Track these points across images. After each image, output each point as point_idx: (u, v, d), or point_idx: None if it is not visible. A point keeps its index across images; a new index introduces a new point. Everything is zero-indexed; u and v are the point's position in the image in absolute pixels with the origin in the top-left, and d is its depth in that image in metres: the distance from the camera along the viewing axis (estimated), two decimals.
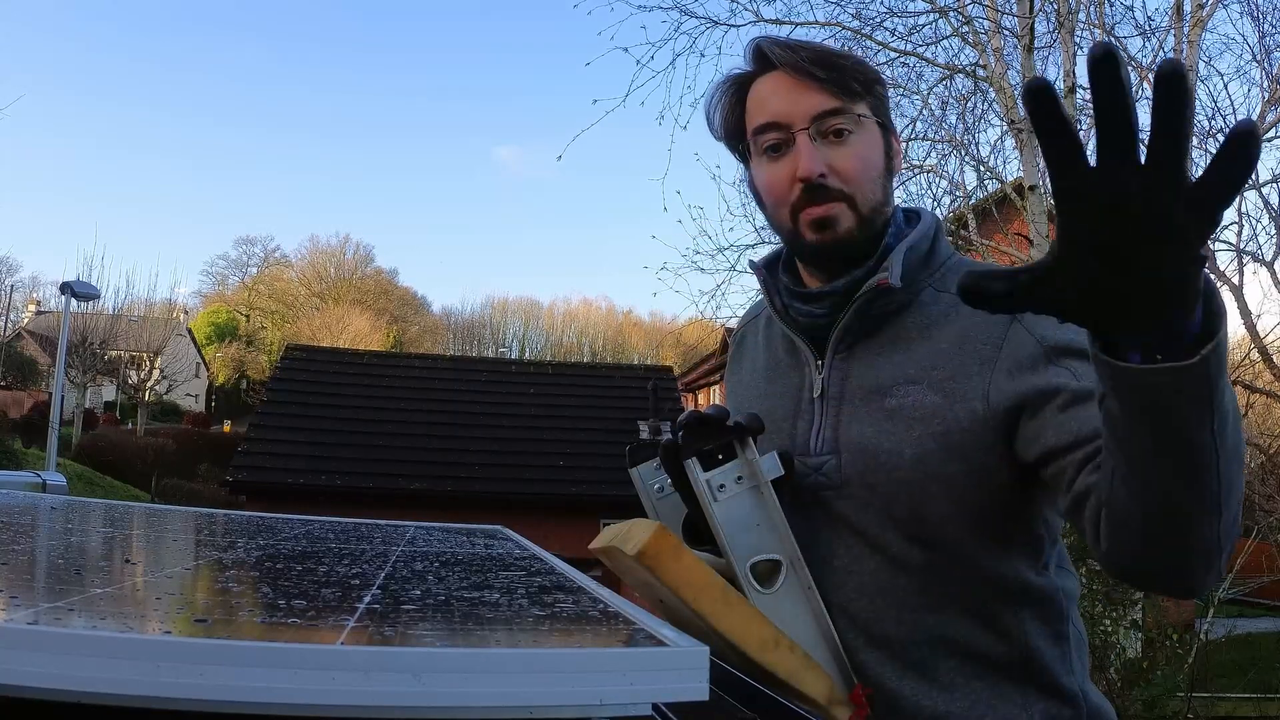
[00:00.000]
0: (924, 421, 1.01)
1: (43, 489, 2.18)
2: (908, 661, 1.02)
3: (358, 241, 57.93)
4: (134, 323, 26.84)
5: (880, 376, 1.06)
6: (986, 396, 0.99)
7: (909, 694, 1.01)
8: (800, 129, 1.04)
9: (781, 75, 1.06)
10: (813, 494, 1.07)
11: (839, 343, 1.09)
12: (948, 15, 6.18)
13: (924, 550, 1.02)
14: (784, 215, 1.08)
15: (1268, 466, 8.80)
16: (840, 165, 1.04)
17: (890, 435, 1.03)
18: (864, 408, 1.06)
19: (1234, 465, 0.77)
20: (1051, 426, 0.95)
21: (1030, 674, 1.03)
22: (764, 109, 1.07)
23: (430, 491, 10.93)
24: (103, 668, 0.46)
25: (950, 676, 1.01)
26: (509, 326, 53.48)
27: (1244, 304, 7.47)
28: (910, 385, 1.03)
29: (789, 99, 1.05)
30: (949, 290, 1.06)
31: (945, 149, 6.83)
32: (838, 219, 1.04)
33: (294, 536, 1.32)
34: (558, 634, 0.67)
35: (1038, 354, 0.99)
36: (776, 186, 1.07)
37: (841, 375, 1.09)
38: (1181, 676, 5.21)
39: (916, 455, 1.01)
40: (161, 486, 17.10)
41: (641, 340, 48.95)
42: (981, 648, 1.02)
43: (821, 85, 1.03)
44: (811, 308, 1.10)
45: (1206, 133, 6.77)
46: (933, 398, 1.02)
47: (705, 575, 0.94)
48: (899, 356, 1.05)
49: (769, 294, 1.15)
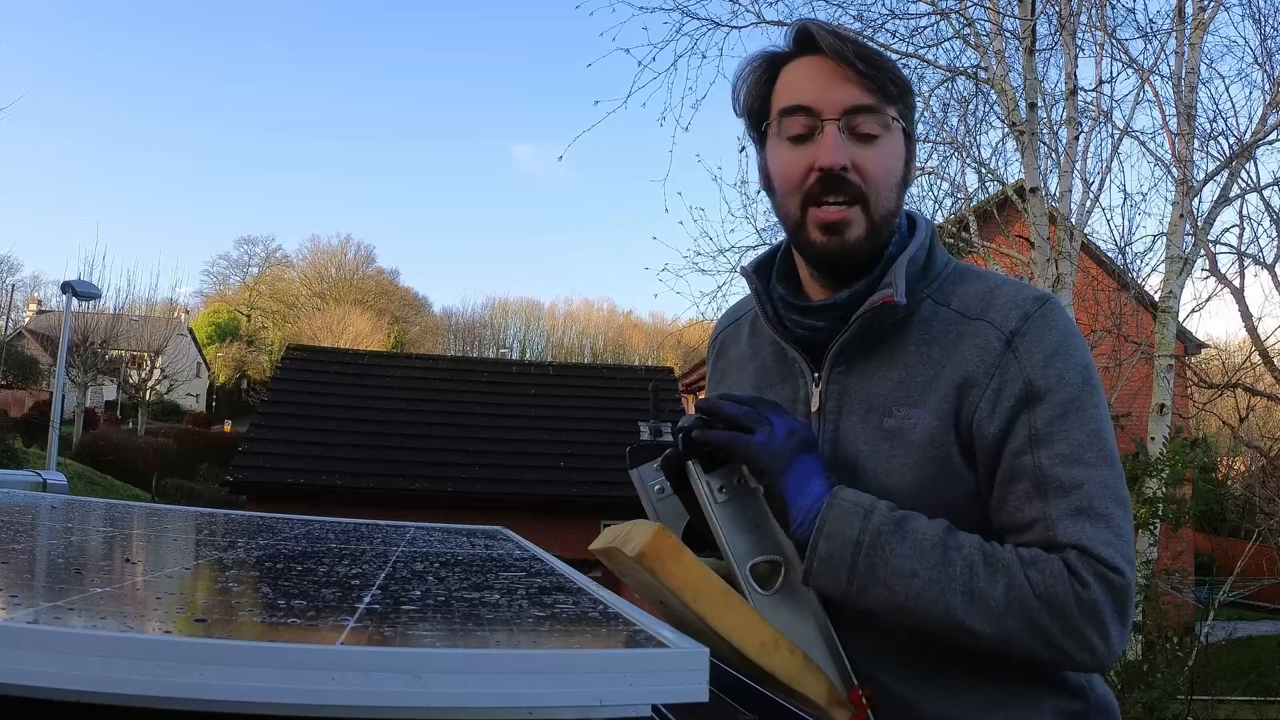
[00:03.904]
0: (920, 445, 1.01)
1: (43, 488, 2.18)
2: (919, 670, 1.01)
3: (359, 242, 58.15)
4: (135, 322, 26.86)
5: (879, 394, 1.04)
6: (972, 427, 1.00)
7: (922, 700, 1.01)
8: (830, 119, 1.01)
9: (821, 61, 1.03)
10: None
11: (838, 357, 1.07)
12: (949, 17, 6.17)
13: None
14: (793, 205, 1.05)
15: (1268, 469, 8.80)
16: (864, 164, 1.02)
17: (890, 457, 1.02)
18: (862, 426, 1.05)
19: (924, 603, 0.94)
20: (994, 503, 1.02)
21: (1038, 670, 1.03)
22: (796, 91, 1.04)
23: (430, 492, 10.92)
24: (103, 667, 0.46)
25: (961, 681, 1.01)
26: (510, 327, 53.57)
27: (1245, 307, 7.47)
28: (910, 409, 1.02)
29: (825, 86, 1.02)
30: (947, 305, 1.06)
31: (947, 151, 6.83)
32: (849, 224, 1.02)
33: (294, 536, 1.32)
34: (558, 635, 0.67)
35: (1019, 394, 0.99)
36: (793, 173, 1.04)
37: (840, 390, 1.07)
38: (1182, 679, 5.20)
39: (914, 480, 1.01)
40: (162, 486, 17.10)
41: (642, 341, 48.97)
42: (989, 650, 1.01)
43: (860, 79, 1.01)
44: (811, 320, 1.08)
45: (1208, 135, 6.78)
46: (930, 421, 1.01)
47: (705, 576, 0.94)
48: (897, 374, 1.04)
49: (761, 303, 1.12)
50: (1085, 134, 6.32)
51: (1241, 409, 8.27)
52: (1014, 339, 1.00)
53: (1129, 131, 6.58)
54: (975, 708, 1.01)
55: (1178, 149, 6.42)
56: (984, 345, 1.01)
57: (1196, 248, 6.62)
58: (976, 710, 1.01)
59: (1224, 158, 6.64)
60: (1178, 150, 6.42)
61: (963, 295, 1.06)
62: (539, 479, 11.41)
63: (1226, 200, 6.73)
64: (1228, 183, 6.68)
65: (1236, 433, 8.44)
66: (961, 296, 1.06)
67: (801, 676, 0.94)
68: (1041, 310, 1.02)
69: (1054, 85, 6.52)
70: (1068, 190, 6.01)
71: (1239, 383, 7.98)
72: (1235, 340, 12.23)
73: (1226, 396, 8.27)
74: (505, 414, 12.51)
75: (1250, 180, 7.04)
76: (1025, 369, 0.99)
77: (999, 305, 1.03)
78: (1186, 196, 6.33)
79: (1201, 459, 8.73)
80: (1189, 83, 6.35)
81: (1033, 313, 1.01)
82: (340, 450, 11.37)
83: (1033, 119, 5.67)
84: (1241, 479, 11.89)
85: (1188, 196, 6.34)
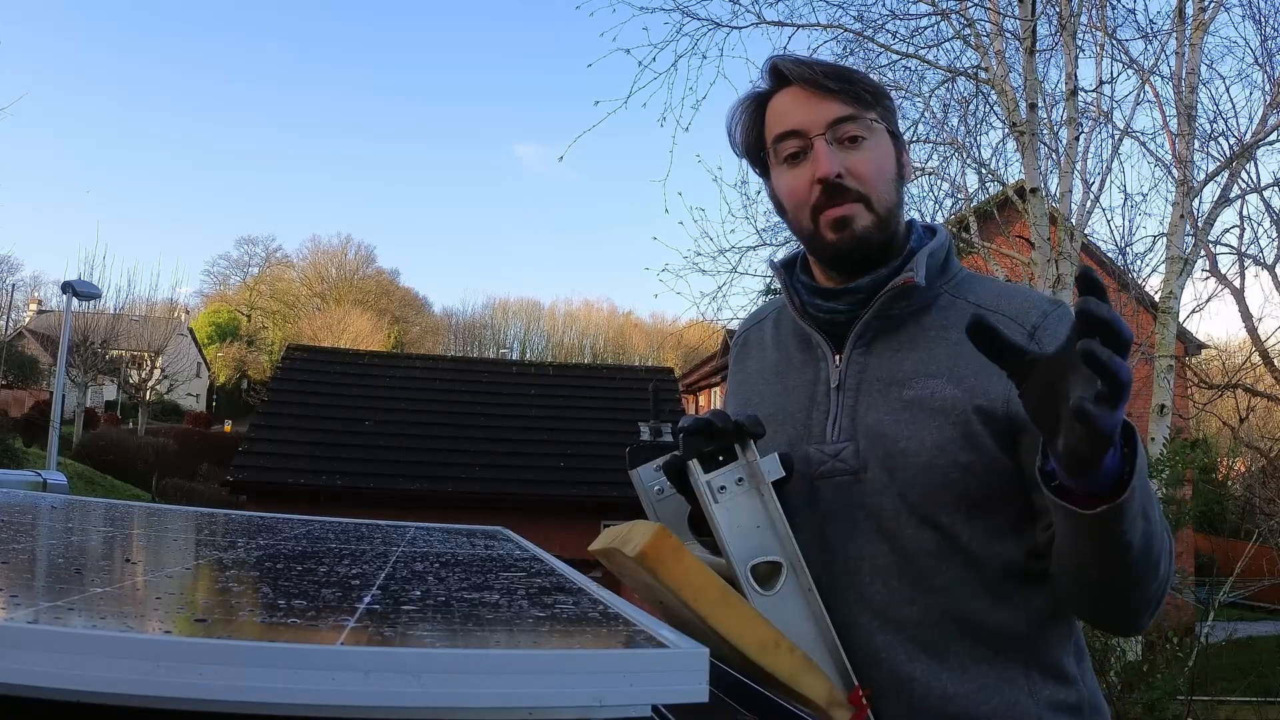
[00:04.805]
0: (943, 412, 1.06)
1: (43, 488, 2.18)
2: (921, 643, 1.05)
3: (359, 242, 58.21)
4: (135, 322, 26.87)
5: (898, 370, 1.10)
6: (1008, 402, 1.04)
7: (920, 675, 1.04)
8: (818, 135, 1.11)
9: (798, 89, 1.13)
10: (829, 481, 1.10)
11: (859, 337, 1.13)
12: (950, 17, 6.18)
13: (938, 533, 1.06)
14: (804, 218, 1.13)
15: (1269, 470, 8.80)
16: (856, 167, 1.10)
17: (909, 424, 1.07)
18: (881, 398, 1.10)
19: (1157, 542, 0.94)
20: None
21: (1034, 654, 1.06)
22: (783, 120, 1.14)
23: (431, 492, 10.93)
24: (103, 667, 0.46)
25: (961, 659, 1.04)
26: (510, 327, 53.58)
27: (1245, 308, 7.48)
28: (929, 379, 1.08)
29: (806, 109, 1.12)
30: (964, 299, 1.13)
31: (947, 151, 6.83)
32: (855, 217, 1.10)
33: (294, 536, 1.33)
34: (557, 635, 0.67)
35: None
36: (797, 190, 1.13)
37: (860, 368, 1.13)
38: (1182, 680, 5.20)
39: (936, 442, 1.05)
40: (162, 486, 17.10)
41: (642, 341, 48.99)
42: (990, 626, 1.05)
43: (835, 95, 1.11)
44: (833, 304, 1.15)
45: (1209, 135, 6.78)
46: (952, 390, 1.06)
47: (705, 577, 0.94)
48: (918, 354, 1.11)
49: (789, 291, 1.19)
50: (1085, 134, 6.32)
51: (1241, 410, 8.28)
52: (1036, 332, 1.08)
53: (1129, 132, 6.59)
54: (974, 687, 1.04)
55: (1178, 149, 6.42)
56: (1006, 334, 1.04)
57: (1197, 248, 6.63)
58: (975, 690, 1.04)
59: (1224, 158, 6.65)
60: (1178, 151, 6.42)
61: (979, 292, 1.15)
62: (539, 479, 11.42)
63: (1227, 201, 6.73)
64: (1228, 183, 6.68)
65: (1236, 433, 8.45)
66: (978, 293, 1.15)
67: (801, 676, 0.94)
68: (1057, 311, 1.11)
69: (1054, 86, 6.53)
70: (1068, 191, 6.01)
71: (1239, 383, 7.99)
72: (1235, 341, 12.24)
73: (1227, 397, 8.28)
74: (505, 414, 12.51)
75: (1250, 181, 7.06)
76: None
77: (1016, 303, 1.12)
78: (1187, 197, 6.33)
79: (1202, 459, 8.72)
80: (1189, 83, 6.35)
81: (1050, 312, 1.10)
82: (340, 450, 11.37)
83: (1033, 119, 5.67)
84: (1241, 480, 11.90)
85: (1188, 197, 6.34)
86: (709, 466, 1.01)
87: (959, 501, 1.05)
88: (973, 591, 1.05)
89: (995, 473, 1.05)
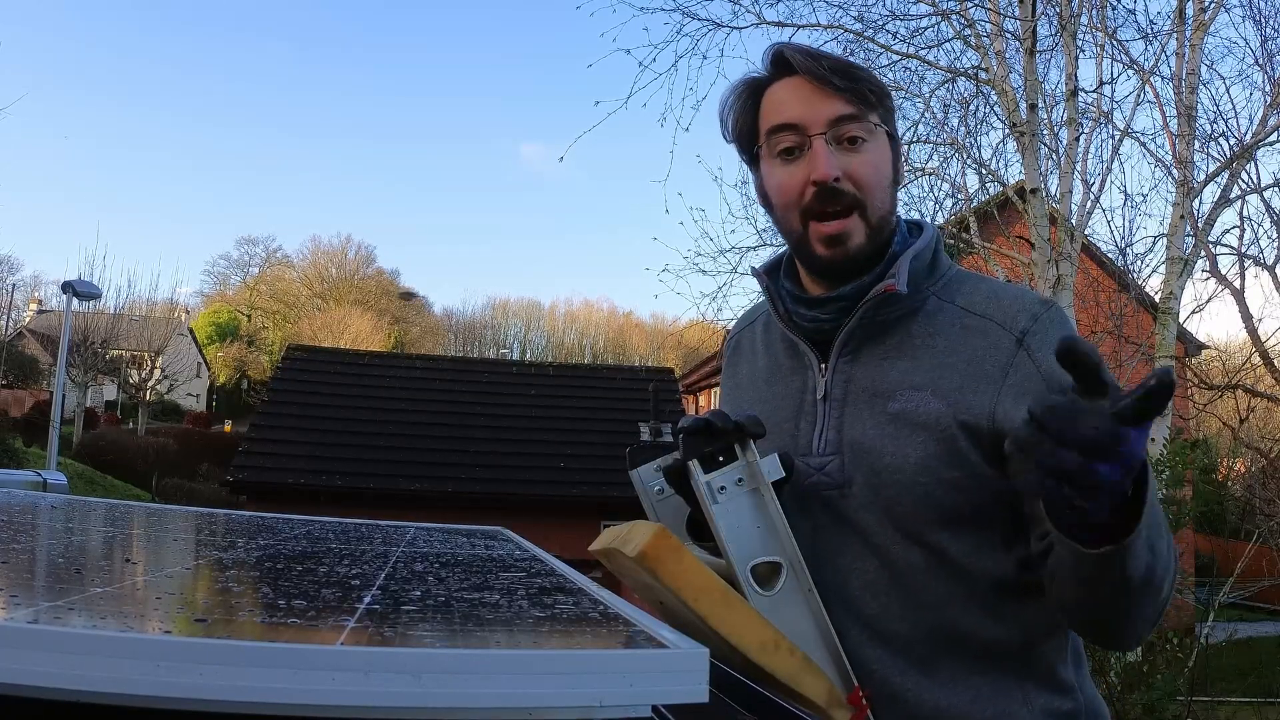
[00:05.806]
0: (927, 427, 1.03)
1: (43, 488, 2.18)
2: (911, 658, 1.03)
3: (359, 242, 58.10)
4: (135, 322, 26.85)
5: (884, 381, 1.07)
6: (992, 415, 1.01)
7: (911, 688, 1.02)
8: (817, 133, 1.06)
9: (800, 80, 1.08)
10: (816, 494, 1.08)
11: (843, 346, 1.10)
12: (950, 18, 6.18)
13: (926, 548, 1.03)
14: (793, 219, 1.09)
15: (1269, 470, 8.80)
16: (854, 171, 1.06)
17: (894, 438, 1.04)
18: (867, 410, 1.07)
19: (1161, 570, 0.90)
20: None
21: (1029, 665, 1.04)
22: (781, 111, 1.09)
23: (430, 492, 10.92)
24: (103, 667, 0.46)
25: (953, 672, 1.03)
26: (510, 327, 53.54)
27: (1245, 308, 7.48)
28: (914, 391, 1.05)
29: (807, 103, 1.07)
30: (952, 302, 1.09)
31: (947, 152, 6.83)
32: (850, 235, 1.06)
33: (294, 537, 1.33)
34: (557, 635, 0.67)
35: (1040, 387, 1.01)
36: (789, 189, 1.08)
37: (845, 378, 1.10)
38: (1182, 680, 5.19)
39: (920, 459, 1.02)
40: (162, 486, 17.09)
41: (643, 342, 48.98)
42: (983, 640, 1.03)
43: (839, 93, 1.06)
44: (816, 313, 1.11)
45: (1209, 136, 6.78)
46: (937, 404, 1.03)
47: (705, 577, 0.94)
48: (904, 363, 1.07)
49: (772, 300, 1.16)
50: (1086, 135, 6.32)
51: (1242, 410, 8.28)
52: (1025, 338, 1.04)
53: (1129, 132, 6.59)
54: (966, 700, 1.02)
55: (1178, 150, 6.42)
56: (994, 343, 1.04)
57: (1197, 249, 6.62)
58: (968, 703, 1.02)
59: (1224, 159, 6.64)
60: (1178, 151, 6.42)
61: (968, 294, 1.10)
62: (539, 479, 11.41)
63: (1227, 201, 6.73)
64: (1228, 184, 6.68)
65: (1237, 434, 8.45)
66: (967, 295, 1.10)
67: (801, 676, 0.94)
68: (1048, 313, 1.07)
69: (1054, 86, 6.53)
70: (1068, 191, 6.01)
71: (1239, 384, 7.99)
72: (1236, 341, 12.23)
73: (1227, 398, 8.27)
74: (505, 414, 12.50)
75: (1251, 181, 7.05)
76: (1041, 366, 1.02)
77: (1005, 306, 1.07)
78: (1187, 198, 6.33)
79: (1202, 460, 8.73)
80: (1189, 84, 6.35)
81: (1040, 314, 1.06)
82: (340, 450, 11.36)
83: (1033, 120, 5.67)
84: (1241, 480, 11.89)
85: (1188, 198, 6.34)
86: (709, 467, 1.01)
87: (946, 517, 1.02)
88: (964, 607, 1.03)
89: (983, 487, 1.02)
